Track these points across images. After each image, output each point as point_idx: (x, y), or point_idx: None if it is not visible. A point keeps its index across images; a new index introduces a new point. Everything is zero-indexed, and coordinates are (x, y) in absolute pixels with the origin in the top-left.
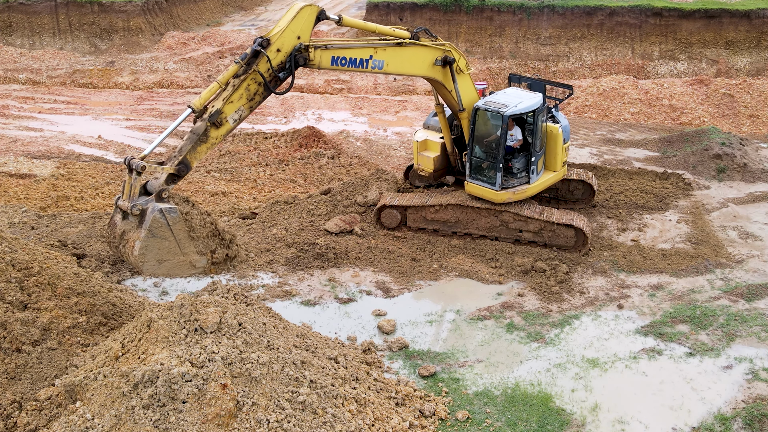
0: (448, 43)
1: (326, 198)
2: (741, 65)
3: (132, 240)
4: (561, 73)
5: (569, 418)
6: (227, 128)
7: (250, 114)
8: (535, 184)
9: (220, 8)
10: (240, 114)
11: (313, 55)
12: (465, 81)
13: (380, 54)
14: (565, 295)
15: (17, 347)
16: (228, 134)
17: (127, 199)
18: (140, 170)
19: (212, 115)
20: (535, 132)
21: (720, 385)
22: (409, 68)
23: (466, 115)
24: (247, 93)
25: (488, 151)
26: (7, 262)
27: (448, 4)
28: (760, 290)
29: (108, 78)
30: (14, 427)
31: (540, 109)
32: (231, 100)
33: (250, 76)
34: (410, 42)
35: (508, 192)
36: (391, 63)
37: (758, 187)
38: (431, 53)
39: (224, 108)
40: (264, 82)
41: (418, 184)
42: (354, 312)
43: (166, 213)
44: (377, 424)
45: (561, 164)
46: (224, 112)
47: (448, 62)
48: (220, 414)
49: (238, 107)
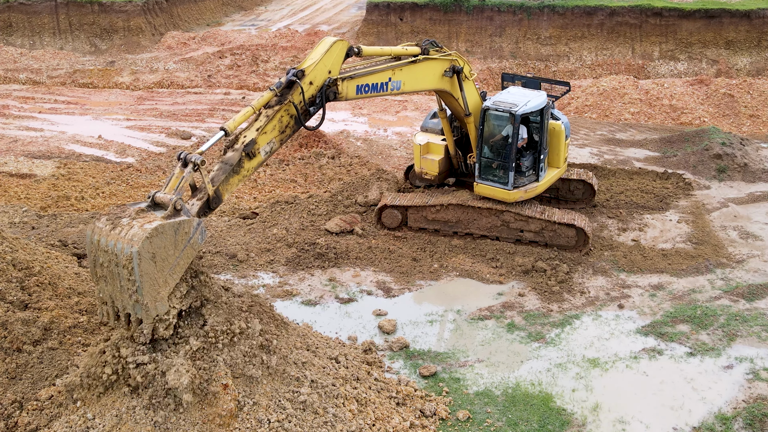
0: (454, 52)
1: (327, 198)
2: (741, 65)
3: (149, 218)
4: (561, 73)
5: (570, 417)
6: (259, 160)
7: (280, 148)
8: (544, 182)
9: (220, 8)
10: (272, 147)
11: (342, 88)
12: (470, 86)
13: (397, 75)
14: (566, 295)
15: (18, 347)
16: (259, 167)
17: (171, 192)
18: (198, 164)
19: (246, 146)
20: (543, 130)
21: (721, 385)
22: (423, 83)
23: (472, 120)
24: (279, 125)
25: (498, 151)
26: (8, 261)
27: (448, 4)
28: (760, 290)
29: (108, 78)
30: (15, 427)
31: (547, 107)
32: (265, 131)
33: (284, 107)
34: (423, 57)
35: (519, 191)
36: (407, 82)
37: (759, 187)
38: (441, 65)
39: (258, 139)
40: (297, 115)
41: (418, 184)
42: (355, 312)
43: (201, 229)
44: (378, 424)
45: (563, 160)
46: (258, 144)
47: (456, 71)
48: (221, 414)
49: (271, 139)
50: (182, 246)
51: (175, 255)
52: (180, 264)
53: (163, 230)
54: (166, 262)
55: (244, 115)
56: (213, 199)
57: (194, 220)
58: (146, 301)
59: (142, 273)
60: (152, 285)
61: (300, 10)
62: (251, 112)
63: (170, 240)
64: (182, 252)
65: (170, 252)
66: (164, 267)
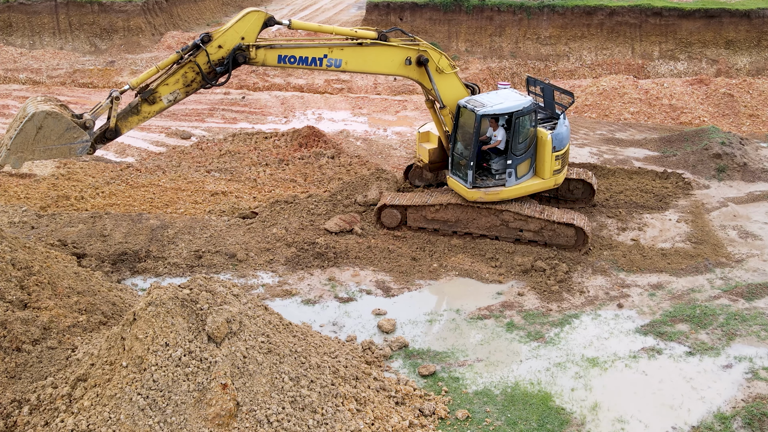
0: (425, 44)
1: (326, 197)
2: (741, 65)
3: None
4: (561, 73)
5: (569, 417)
6: (160, 106)
7: (186, 98)
8: (513, 188)
9: (220, 8)
10: (175, 96)
11: (255, 54)
12: (448, 80)
13: (336, 53)
14: (565, 295)
15: (17, 346)
16: (160, 112)
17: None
18: (113, 98)
19: (146, 93)
20: (513, 135)
21: (720, 384)
22: (374, 67)
23: (447, 112)
24: (183, 79)
25: (465, 148)
26: (8, 261)
27: (448, 3)
28: (759, 289)
29: (108, 78)
30: (14, 426)
31: (521, 112)
32: (166, 82)
33: (188, 65)
34: (372, 42)
35: (479, 191)
36: (350, 61)
37: (758, 186)
38: (400, 53)
39: (158, 88)
40: (201, 72)
41: (418, 183)
42: (354, 311)
43: (84, 145)
44: (377, 423)
45: (550, 172)
46: (158, 92)
47: (421, 62)
48: (221, 414)
49: (174, 90)
50: (63, 142)
51: (54, 142)
52: (51, 152)
53: (60, 119)
54: (44, 140)
55: (148, 73)
56: (109, 130)
57: (85, 134)
58: (9, 149)
59: (23, 129)
60: (22, 143)
61: (300, 10)
62: (155, 71)
63: (59, 130)
64: (59, 146)
65: (53, 137)
66: (40, 141)
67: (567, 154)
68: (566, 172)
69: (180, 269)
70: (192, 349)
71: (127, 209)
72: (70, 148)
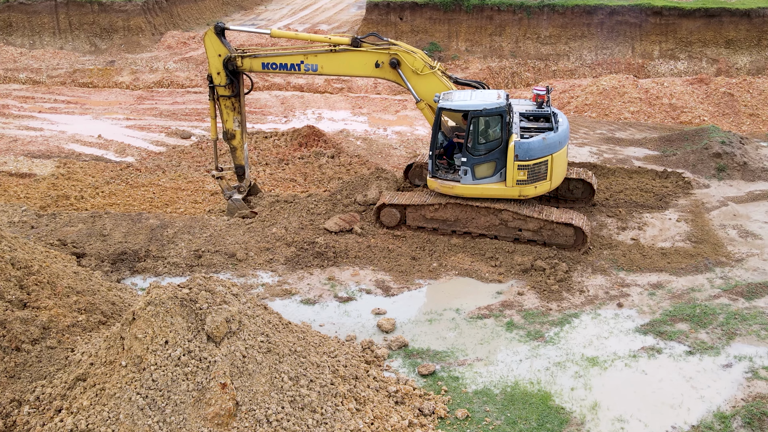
0: (397, 48)
1: (326, 197)
2: (741, 64)
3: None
4: (561, 72)
5: (569, 416)
6: (238, 132)
7: (243, 110)
8: (468, 187)
9: (220, 8)
10: (236, 120)
11: (241, 62)
12: (425, 79)
13: (311, 59)
14: (565, 294)
15: (17, 346)
16: (243, 136)
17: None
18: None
19: (224, 134)
20: (470, 135)
21: (719, 384)
22: (348, 70)
23: (422, 105)
24: (227, 108)
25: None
26: (7, 260)
27: (448, 3)
28: (759, 289)
29: (108, 77)
30: (14, 426)
31: (478, 113)
32: (224, 119)
33: (220, 101)
34: (344, 48)
35: (437, 182)
36: (325, 66)
37: (758, 185)
38: (370, 57)
39: (226, 126)
40: (229, 96)
41: (417, 182)
42: (353, 311)
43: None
44: (376, 423)
45: (513, 181)
46: (228, 129)
47: (393, 65)
48: (220, 413)
49: (233, 118)
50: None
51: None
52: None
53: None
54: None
55: (212, 125)
56: (239, 174)
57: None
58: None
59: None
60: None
61: (300, 10)
62: (213, 119)
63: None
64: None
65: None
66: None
67: (546, 168)
68: (546, 187)
69: (179, 269)
70: (191, 348)
71: (127, 209)
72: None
